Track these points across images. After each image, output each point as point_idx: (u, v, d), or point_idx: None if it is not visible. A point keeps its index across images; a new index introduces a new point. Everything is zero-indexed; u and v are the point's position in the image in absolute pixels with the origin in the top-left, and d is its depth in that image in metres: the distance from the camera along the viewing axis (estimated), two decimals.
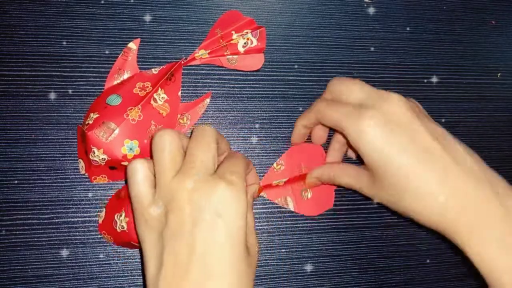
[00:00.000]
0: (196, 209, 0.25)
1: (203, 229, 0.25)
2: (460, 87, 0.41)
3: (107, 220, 0.33)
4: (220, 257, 0.25)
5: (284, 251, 0.36)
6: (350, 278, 0.37)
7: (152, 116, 0.33)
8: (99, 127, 0.32)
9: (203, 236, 0.25)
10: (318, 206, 0.37)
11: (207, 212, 0.25)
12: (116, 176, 0.34)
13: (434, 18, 0.41)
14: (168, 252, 0.25)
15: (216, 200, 0.25)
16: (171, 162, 0.27)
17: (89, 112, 0.33)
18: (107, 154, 0.32)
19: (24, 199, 0.33)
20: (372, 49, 0.40)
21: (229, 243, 0.25)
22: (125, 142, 0.32)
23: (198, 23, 0.37)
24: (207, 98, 0.36)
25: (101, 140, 0.31)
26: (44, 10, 0.35)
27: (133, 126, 0.32)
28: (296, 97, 0.38)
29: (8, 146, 0.34)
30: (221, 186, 0.25)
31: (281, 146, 0.37)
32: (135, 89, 0.34)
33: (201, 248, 0.25)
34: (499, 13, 0.43)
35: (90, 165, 0.33)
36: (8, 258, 0.33)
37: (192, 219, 0.25)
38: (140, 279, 0.34)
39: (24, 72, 0.34)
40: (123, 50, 0.35)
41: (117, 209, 0.33)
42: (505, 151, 0.41)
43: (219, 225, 0.25)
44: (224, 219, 0.25)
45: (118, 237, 0.32)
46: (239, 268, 0.25)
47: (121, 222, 0.32)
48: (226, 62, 0.36)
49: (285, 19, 0.38)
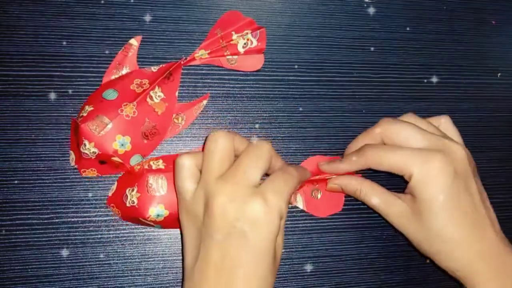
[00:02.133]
0: (229, 221, 0.26)
1: (233, 242, 0.26)
2: (460, 87, 0.41)
3: (118, 193, 0.33)
4: (246, 269, 0.26)
5: (284, 251, 0.36)
6: (350, 278, 0.37)
7: (147, 114, 0.33)
8: (93, 120, 0.32)
9: (233, 248, 0.26)
10: (327, 207, 0.37)
11: (238, 226, 0.26)
12: (106, 171, 0.34)
13: (434, 18, 0.41)
14: (204, 250, 0.27)
15: (248, 217, 0.26)
16: (218, 164, 0.27)
17: (85, 104, 0.33)
18: (98, 148, 0.32)
19: (24, 199, 0.33)
20: (372, 49, 0.40)
21: (256, 259, 0.26)
22: (117, 138, 0.32)
23: (198, 23, 0.37)
24: (204, 100, 0.36)
25: (93, 134, 0.32)
26: (44, 10, 0.35)
27: (127, 122, 0.33)
28: (296, 97, 0.38)
29: (8, 146, 0.34)
30: (256, 203, 0.26)
31: (281, 146, 0.37)
32: (132, 85, 0.34)
33: (230, 258, 0.26)
34: (499, 13, 0.43)
35: (80, 157, 0.33)
36: (8, 258, 0.33)
37: (224, 229, 0.26)
38: (140, 279, 0.34)
39: (24, 72, 0.34)
40: (124, 45, 0.35)
41: (130, 183, 0.33)
42: (505, 151, 0.41)
43: (247, 241, 0.26)
44: (253, 236, 0.26)
45: (126, 211, 0.33)
46: (264, 276, 0.26)
47: (132, 197, 0.32)
48: (226, 63, 0.36)
49: (285, 19, 0.38)
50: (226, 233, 0.26)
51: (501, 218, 0.32)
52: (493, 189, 0.40)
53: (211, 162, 0.27)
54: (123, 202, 0.33)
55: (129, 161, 0.33)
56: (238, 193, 0.26)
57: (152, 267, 0.35)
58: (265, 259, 0.26)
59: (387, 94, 0.39)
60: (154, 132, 0.34)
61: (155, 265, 0.35)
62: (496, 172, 0.41)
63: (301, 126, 0.38)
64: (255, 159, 0.28)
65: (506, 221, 0.40)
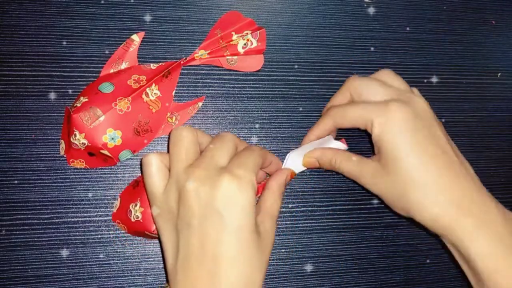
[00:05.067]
0: (203, 204, 0.26)
1: (210, 223, 0.26)
2: (460, 87, 0.41)
3: (122, 209, 0.33)
4: (228, 248, 0.26)
5: (284, 251, 0.36)
6: (350, 278, 0.37)
7: (140, 110, 0.34)
8: (85, 111, 0.32)
9: (211, 230, 0.26)
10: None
11: (213, 207, 0.26)
12: (94, 163, 0.34)
13: (434, 18, 0.41)
14: (182, 244, 0.26)
15: (220, 195, 0.26)
16: (185, 154, 0.28)
17: (80, 95, 0.33)
18: (88, 139, 0.32)
19: (24, 199, 0.33)
20: (372, 49, 0.40)
21: (235, 235, 0.26)
22: (108, 131, 0.32)
23: (198, 23, 0.37)
24: (199, 102, 0.36)
25: (84, 125, 0.32)
26: (44, 10, 0.35)
27: (119, 117, 0.33)
28: (296, 97, 0.38)
29: (8, 146, 0.34)
30: (225, 180, 0.26)
31: (281, 146, 0.37)
32: (129, 80, 0.34)
33: (210, 241, 0.26)
34: (499, 13, 0.43)
35: (70, 147, 0.33)
36: (8, 258, 0.33)
37: (199, 213, 0.26)
38: (140, 279, 0.34)
39: (24, 72, 0.34)
40: (125, 40, 0.35)
41: (133, 198, 0.33)
42: (505, 151, 0.41)
43: (224, 219, 0.26)
44: (228, 213, 0.26)
45: (132, 226, 0.33)
46: (249, 254, 0.26)
47: (136, 212, 0.32)
48: (225, 63, 0.36)
49: (285, 19, 0.38)
50: (202, 216, 0.26)
51: None
52: (493, 189, 0.40)
53: (178, 154, 0.28)
54: (128, 217, 0.33)
55: (118, 155, 0.33)
56: (208, 175, 0.26)
57: (152, 267, 0.35)
58: (246, 235, 0.26)
59: None
60: (146, 129, 0.34)
61: (155, 265, 0.35)
62: (496, 172, 0.41)
63: (301, 126, 0.38)
64: (220, 145, 0.28)
65: None
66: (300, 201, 0.37)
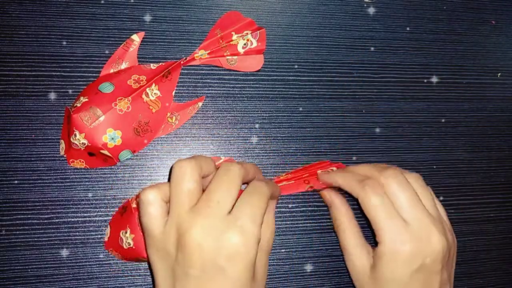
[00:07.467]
0: (205, 258, 0.25)
1: (211, 277, 0.25)
2: (460, 87, 0.41)
3: (113, 237, 0.33)
4: None
5: (284, 251, 0.36)
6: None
7: (140, 110, 0.34)
8: (85, 111, 0.32)
9: (211, 283, 0.25)
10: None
11: (215, 262, 0.25)
12: (94, 163, 0.34)
13: (434, 18, 0.41)
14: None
15: (225, 252, 0.25)
16: (188, 196, 0.26)
17: (80, 95, 0.33)
18: (88, 139, 0.32)
19: (24, 199, 0.33)
20: (372, 49, 0.40)
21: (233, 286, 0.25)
22: (108, 131, 0.32)
23: (198, 23, 0.37)
24: (199, 102, 0.36)
25: (84, 125, 0.32)
26: (44, 10, 0.35)
27: (119, 117, 0.33)
28: (296, 97, 0.38)
29: (8, 146, 0.34)
30: (233, 235, 0.25)
31: (281, 146, 0.37)
32: (129, 80, 0.34)
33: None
34: (499, 13, 0.43)
35: (70, 147, 0.33)
36: (8, 258, 0.33)
37: (200, 265, 0.25)
38: (140, 279, 0.34)
39: (24, 72, 0.34)
40: (125, 40, 0.35)
41: (122, 226, 0.32)
42: (505, 151, 0.41)
43: (226, 274, 0.25)
44: (231, 269, 0.25)
45: (125, 253, 0.32)
46: None
47: (127, 239, 0.32)
48: (225, 63, 0.36)
49: (285, 19, 0.38)
50: (203, 268, 0.25)
51: (501, 218, 0.32)
52: (493, 189, 0.40)
53: (180, 195, 0.26)
54: (120, 245, 0.32)
55: (118, 155, 0.33)
56: (213, 225, 0.25)
57: None
58: (244, 284, 0.26)
59: (387, 94, 0.39)
60: (146, 129, 0.34)
61: None
62: (496, 172, 0.41)
63: (301, 126, 0.38)
64: (226, 186, 0.27)
65: (506, 221, 0.40)
66: (300, 201, 0.37)
